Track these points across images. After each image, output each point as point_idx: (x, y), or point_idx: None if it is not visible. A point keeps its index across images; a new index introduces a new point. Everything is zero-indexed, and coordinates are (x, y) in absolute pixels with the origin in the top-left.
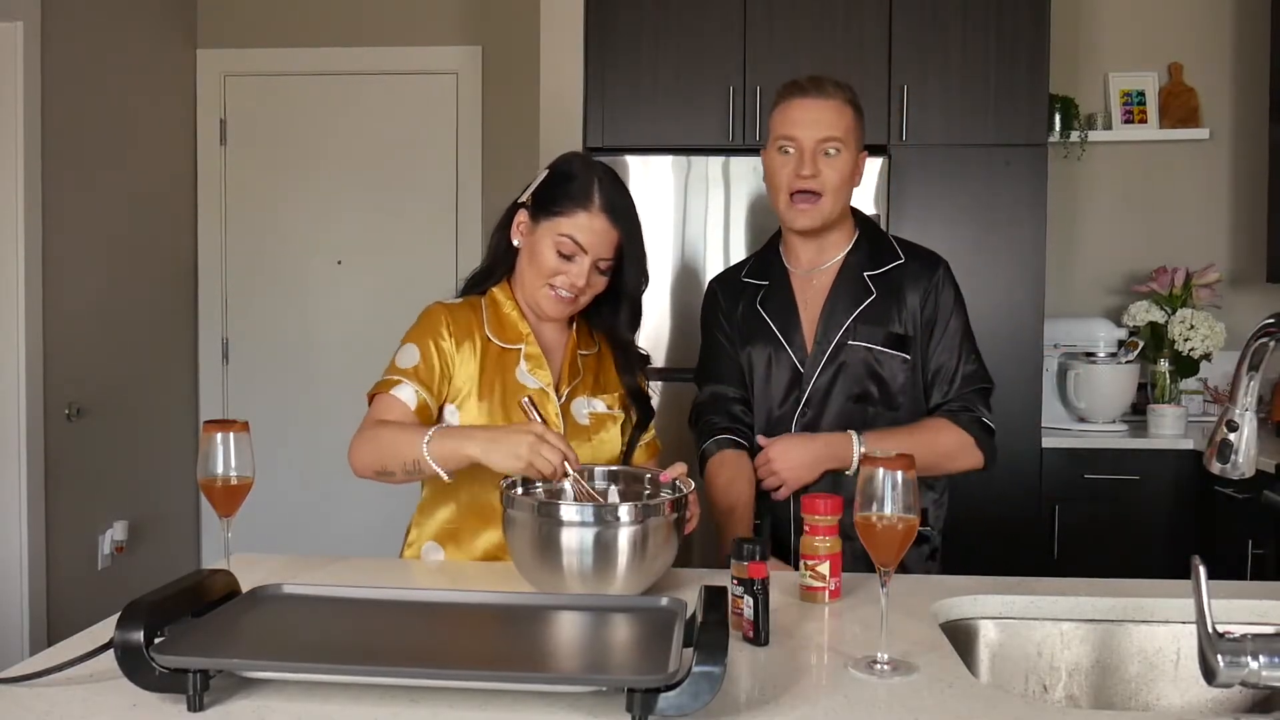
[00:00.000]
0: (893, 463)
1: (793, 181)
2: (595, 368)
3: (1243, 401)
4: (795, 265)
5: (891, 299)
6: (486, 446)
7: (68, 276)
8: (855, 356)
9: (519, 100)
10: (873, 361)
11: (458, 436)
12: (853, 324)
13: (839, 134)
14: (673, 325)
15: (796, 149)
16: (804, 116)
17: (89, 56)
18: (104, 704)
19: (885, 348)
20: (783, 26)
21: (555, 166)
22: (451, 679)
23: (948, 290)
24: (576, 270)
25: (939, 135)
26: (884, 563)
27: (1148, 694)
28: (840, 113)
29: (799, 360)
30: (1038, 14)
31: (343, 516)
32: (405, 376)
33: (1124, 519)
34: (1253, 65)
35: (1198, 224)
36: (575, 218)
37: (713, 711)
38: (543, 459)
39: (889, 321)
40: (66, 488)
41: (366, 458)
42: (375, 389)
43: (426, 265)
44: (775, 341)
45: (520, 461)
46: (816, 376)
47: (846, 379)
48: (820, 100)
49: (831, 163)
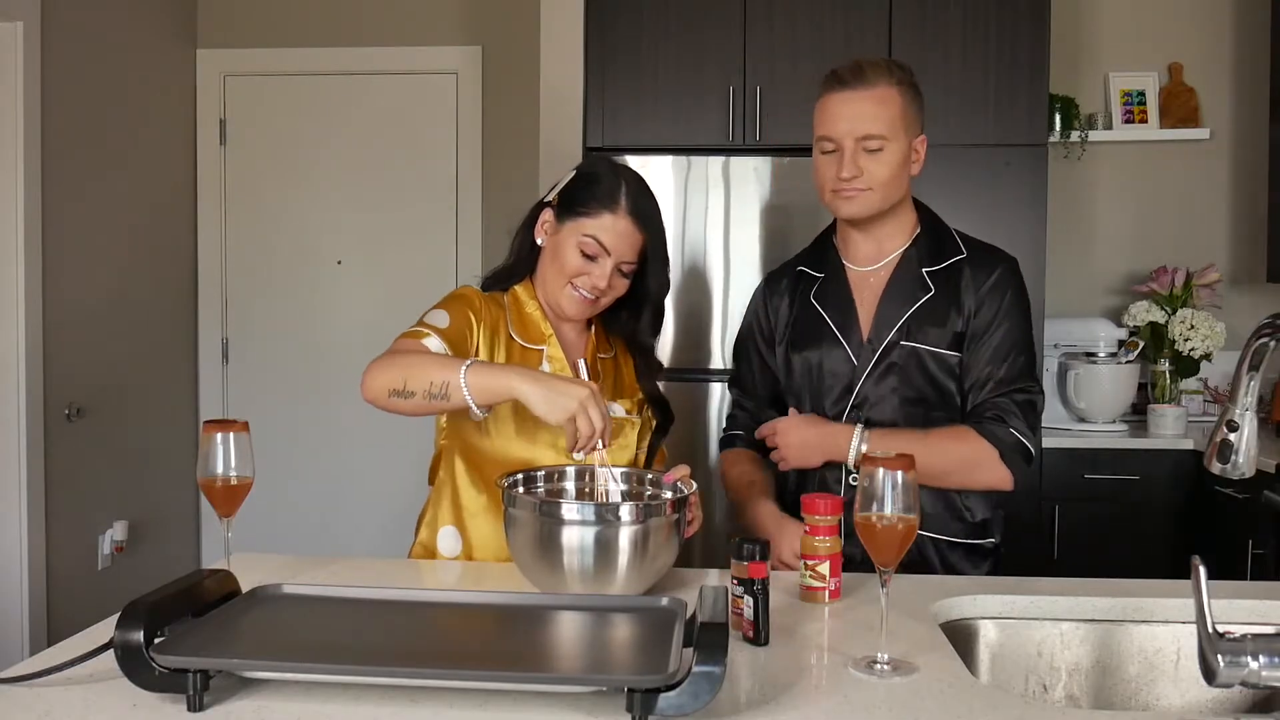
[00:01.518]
0: (893, 463)
1: (835, 183)
2: (613, 371)
3: (1243, 401)
4: (852, 259)
5: (951, 297)
6: (536, 388)
7: (68, 276)
8: (908, 357)
9: (519, 100)
10: (928, 362)
11: (504, 371)
12: (907, 323)
13: (880, 129)
14: (674, 326)
15: (837, 148)
16: (841, 112)
17: (89, 56)
18: (104, 704)
19: (941, 348)
20: (783, 26)
21: (582, 168)
22: (451, 679)
23: (1005, 291)
24: (599, 271)
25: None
26: (884, 563)
27: (1148, 694)
28: (883, 103)
29: (855, 358)
30: (1038, 14)
31: (343, 516)
32: (435, 332)
33: (1124, 519)
34: (1253, 65)
35: (1198, 224)
36: (600, 219)
37: (713, 711)
38: (586, 421)
39: (948, 321)
40: (66, 488)
41: (385, 375)
42: (404, 335)
43: (426, 265)
44: (831, 338)
45: (565, 414)
46: (866, 377)
47: (899, 380)
48: (859, 92)
49: (876, 159)
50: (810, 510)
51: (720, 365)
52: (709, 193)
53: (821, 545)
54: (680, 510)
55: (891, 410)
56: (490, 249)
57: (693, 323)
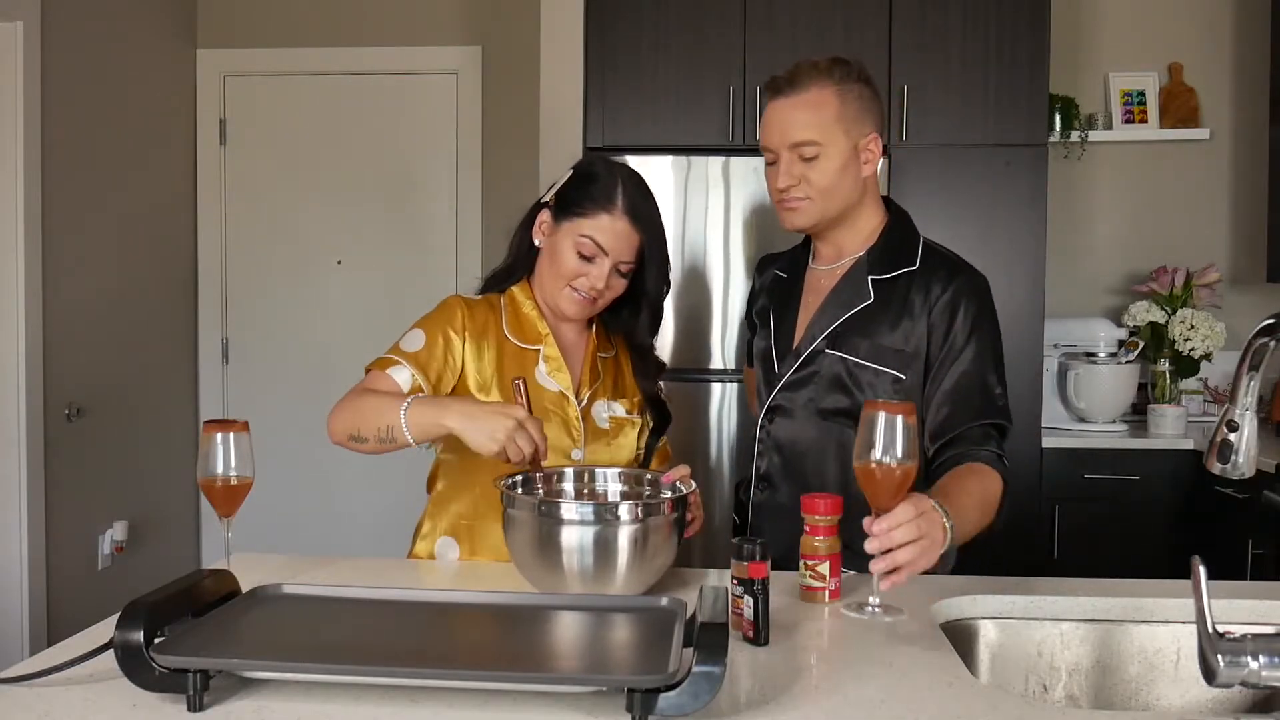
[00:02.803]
0: (894, 408)
1: (776, 194)
2: (614, 371)
3: (1243, 401)
4: (816, 260)
5: (895, 310)
6: (465, 422)
7: (68, 276)
8: (829, 366)
9: (519, 100)
10: (845, 374)
11: (438, 406)
12: (836, 331)
13: (811, 134)
14: (674, 326)
15: (775, 158)
16: (774, 120)
17: (89, 56)
18: (104, 704)
19: (867, 361)
20: (783, 27)
21: (579, 167)
22: (451, 679)
23: (958, 310)
24: (597, 272)
25: (939, 136)
26: (881, 509)
27: (1148, 694)
28: (815, 107)
29: (778, 363)
30: (1038, 14)
31: (343, 516)
32: (405, 359)
33: (1124, 519)
34: (1253, 65)
35: (1198, 224)
36: (597, 219)
37: (713, 711)
38: (515, 447)
39: (882, 333)
40: (66, 488)
41: (342, 421)
42: (372, 365)
43: (426, 265)
44: (764, 343)
45: (495, 444)
46: (782, 384)
47: (815, 390)
48: (791, 98)
49: (813, 166)
50: (810, 510)
51: (720, 365)
52: (709, 193)
53: (821, 545)
54: (680, 510)
55: (804, 419)
56: (490, 249)
57: (693, 323)
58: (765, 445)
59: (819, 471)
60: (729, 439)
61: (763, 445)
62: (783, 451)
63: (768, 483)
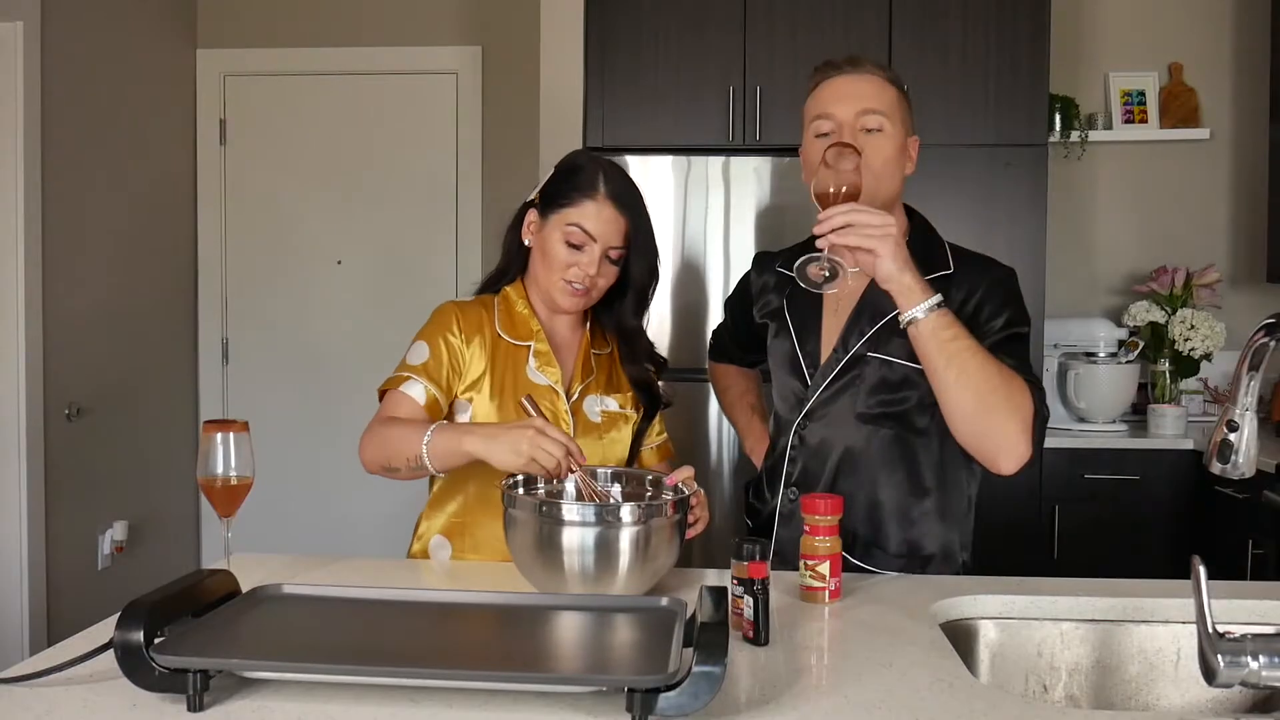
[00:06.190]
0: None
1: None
2: (609, 367)
3: (1243, 401)
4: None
5: None
6: (487, 444)
7: (68, 276)
8: (872, 370)
9: (519, 100)
10: (890, 376)
11: (458, 433)
12: (876, 335)
13: (881, 106)
14: (674, 326)
15: (834, 126)
16: (841, 90)
17: (89, 56)
18: (104, 704)
19: (909, 361)
20: (783, 27)
21: (561, 164)
22: (452, 679)
23: (993, 298)
24: (587, 260)
25: (939, 135)
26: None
27: (1148, 694)
28: (882, 88)
29: (809, 370)
30: (1038, 14)
31: (343, 516)
32: (415, 373)
33: (1124, 519)
34: (1253, 65)
35: (1198, 224)
36: (582, 207)
37: (713, 711)
38: (544, 453)
39: None
40: (66, 488)
41: (374, 454)
42: (385, 385)
43: (426, 265)
44: (790, 344)
45: (521, 457)
46: (822, 390)
47: (856, 395)
48: (855, 76)
49: (873, 140)
50: (810, 510)
51: None
52: (709, 193)
53: (821, 545)
54: (681, 511)
55: (844, 425)
56: (490, 249)
57: (692, 322)
58: (799, 451)
59: (857, 474)
60: (729, 439)
61: (795, 451)
62: (820, 457)
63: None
